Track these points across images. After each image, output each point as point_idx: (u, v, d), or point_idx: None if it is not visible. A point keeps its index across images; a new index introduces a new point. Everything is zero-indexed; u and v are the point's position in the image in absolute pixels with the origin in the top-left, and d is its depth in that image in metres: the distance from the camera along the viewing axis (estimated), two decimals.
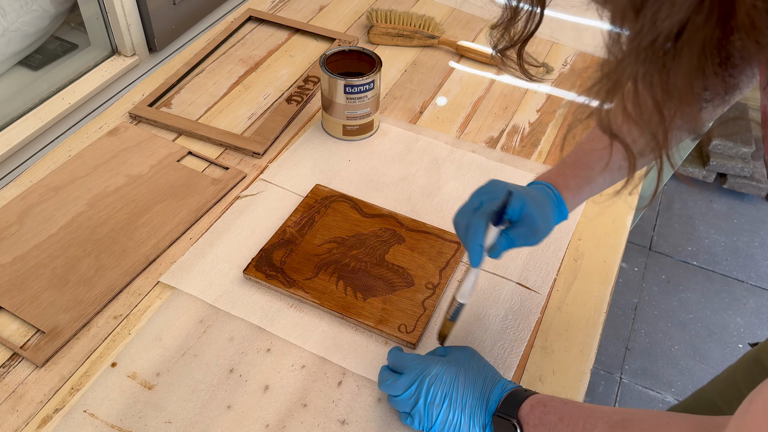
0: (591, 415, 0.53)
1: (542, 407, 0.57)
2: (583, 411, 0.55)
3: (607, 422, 0.52)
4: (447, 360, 0.64)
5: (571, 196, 0.68)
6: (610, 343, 1.73)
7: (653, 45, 0.33)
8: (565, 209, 0.67)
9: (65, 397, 0.66)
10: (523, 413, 0.58)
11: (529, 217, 0.63)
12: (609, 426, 0.51)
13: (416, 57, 1.15)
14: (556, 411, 0.56)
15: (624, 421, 0.51)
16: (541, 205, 0.65)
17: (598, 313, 0.77)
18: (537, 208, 0.64)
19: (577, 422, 0.53)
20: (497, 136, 1.00)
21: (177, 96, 1.04)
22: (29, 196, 0.85)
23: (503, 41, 0.46)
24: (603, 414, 0.53)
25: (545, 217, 0.65)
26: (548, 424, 0.56)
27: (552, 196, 0.67)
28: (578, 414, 0.54)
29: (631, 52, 0.34)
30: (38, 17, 1.10)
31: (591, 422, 0.53)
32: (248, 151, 0.94)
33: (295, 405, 0.66)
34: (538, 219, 0.63)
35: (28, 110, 1.04)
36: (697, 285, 1.89)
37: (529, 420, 0.57)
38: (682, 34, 0.32)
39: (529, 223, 0.63)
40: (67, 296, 0.74)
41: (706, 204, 2.12)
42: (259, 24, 1.21)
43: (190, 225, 0.84)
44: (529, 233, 0.64)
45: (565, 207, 0.67)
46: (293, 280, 0.76)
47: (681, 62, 0.33)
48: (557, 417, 0.55)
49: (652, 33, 0.33)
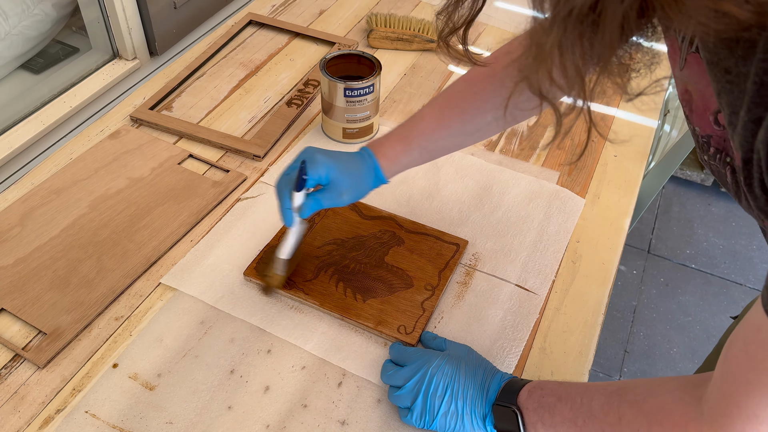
0: (587, 390, 0.55)
1: (540, 390, 0.58)
2: (579, 388, 0.56)
3: (603, 393, 0.53)
4: (447, 353, 0.66)
5: (389, 164, 0.73)
6: (608, 345, 1.74)
7: (571, 15, 0.34)
8: (382, 176, 0.73)
9: (67, 398, 0.67)
10: (521, 399, 0.59)
11: (335, 182, 0.70)
12: (605, 396, 0.53)
13: (415, 61, 1.16)
14: (553, 392, 0.57)
15: (619, 389, 0.53)
16: (351, 171, 0.71)
17: (597, 314, 0.78)
18: (344, 173, 0.70)
19: (575, 399, 0.55)
20: (496, 139, 1.01)
21: (178, 99, 1.05)
22: (31, 199, 0.86)
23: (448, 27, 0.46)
24: (598, 387, 0.55)
25: (354, 181, 0.71)
26: (547, 405, 0.57)
27: (371, 162, 0.72)
28: (575, 391, 0.56)
29: (553, 21, 0.35)
30: (40, 21, 1.11)
31: (588, 396, 0.54)
32: (249, 154, 0.95)
33: (296, 406, 0.67)
34: (344, 184, 0.70)
35: (30, 113, 1.05)
36: (695, 288, 1.89)
37: (528, 405, 0.58)
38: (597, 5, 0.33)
39: (335, 187, 0.70)
40: (68, 298, 0.75)
41: (705, 207, 2.13)
42: (260, 28, 1.22)
43: (191, 227, 0.84)
44: (335, 196, 0.71)
45: (381, 173, 0.73)
46: (293, 282, 0.76)
47: (601, 32, 0.34)
48: (555, 397, 0.57)
49: (569, 4, 0.34)
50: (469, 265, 0.81)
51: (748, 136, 0.37)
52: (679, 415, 0.47)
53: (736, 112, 0.39)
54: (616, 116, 1.06)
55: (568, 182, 0.94)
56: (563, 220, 0.88)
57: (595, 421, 0.52)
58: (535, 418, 0.57)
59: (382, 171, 0.72)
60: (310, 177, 0.68)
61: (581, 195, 0.92)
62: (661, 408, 0.49)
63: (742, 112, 0.38)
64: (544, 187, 0.92)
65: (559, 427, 0.55)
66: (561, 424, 0.55)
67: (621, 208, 0.91)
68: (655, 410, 0.49)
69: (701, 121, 0.48)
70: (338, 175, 0.70)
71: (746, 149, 0.38)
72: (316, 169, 0.69)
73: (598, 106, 1.08)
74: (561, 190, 0.92)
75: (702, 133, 0.49)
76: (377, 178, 0.73)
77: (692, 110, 0.50)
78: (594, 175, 0.96)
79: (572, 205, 0.90)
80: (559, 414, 0.55)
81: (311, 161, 0.69)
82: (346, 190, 0.71)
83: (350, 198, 0.72)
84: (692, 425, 0.46)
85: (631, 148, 1.01)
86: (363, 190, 0.73)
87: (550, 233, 0.86)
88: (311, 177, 0.69)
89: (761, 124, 0.36)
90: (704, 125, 0.48)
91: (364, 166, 0.72)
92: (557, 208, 0.89)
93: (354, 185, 0.71)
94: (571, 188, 0.93)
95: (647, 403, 0.50)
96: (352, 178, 0.71)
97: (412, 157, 0.74)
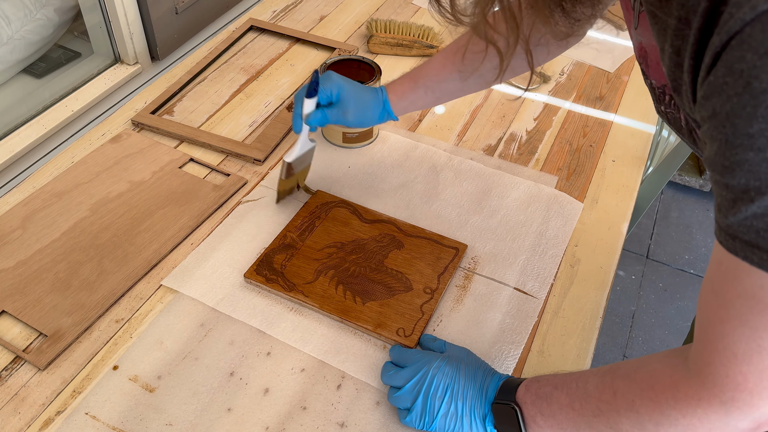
0: (582, 375, 0.56)
1: (536, 383, 0.59)
2: (573, 374, 0.57)
3: (596, 374, 0.55)
4: (447, 355, 0.66)
5: (397, 99, 0.83)
6: (607, 350, 1.74)
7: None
8: (390, 109, 0.83)
9: (67, 400, 0.67)
10: (519, 395, 0.60)
11: (343, 101, 0.80)
12: (599, 377, 0.54)
13: (415, 66, 1.17)
14: (549, 382, 0.58)
15: (612, 368, 0.54)
16: (360, 96, 0.81)
17: (595, 318, 0.78)
18: (353, 96, 0.80)
19: (571, 385, 0.56)
20: (495, 143, 1.01)
21: (179, 104, 1.06)
22: (32, 202, 0.86)
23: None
24: (593, 371, 0.56)
25: (361, 105, 0.81)
26: (544, 395, 0.58)
27: (381, 95, 0.83)
28: (569, 377, 0.57)
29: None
30: (42, 26, 1.11)
31: (583, 380, 0.55)
32: (249, 158, 0.95)
33: (295, 408, 0.67)
34: (351, 104, 0.80)
35: (32, 117, 1.05)
36: (694, 293, 1.90)
37: (526, 399, 0.59)
38: None
39: (342, 105, 0.80)
40: (69, 300, 0.75)
41: (703, 213, 2.14)
42: (261, 33, 1.23)
43: (192, 230, 0.85)
44: (339, 113, 0.80)
45: (389, 106, 0.83)
46: (293, 284, 0.77)
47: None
48: (551, 386, 0.58)
49: None
50: (468, 268, 0.82)
51: (673, 66, 0.44)
52: (668, 376, 0.49)
53: (663, 48, 0.44)
54: (614, 121, 1.07)
55: (567, 187, 0.94)
56: (562, 224, 0.88)
57: (591, 401, 0.53)
58: (534, 410, 0.58)
59: (390, 104, 0.82)
60: (321, 89, 0.79)
61: (580, 199, 0.93)
62: (651, 374, 0.50)
63: (667, 46, 0.44)
64: (543, 191, 0.93)
65: (557, 414, 0.56)
66: (559, 411, 0.56)
67: (619, 212, 0.92)
68: (646, 377, 0.50)
69: (656, 73, 0.54)
70: (347, 95, 0.80)
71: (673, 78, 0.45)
72: (328, 84, 0.79)
73: (597, 112, 1.09)
74: (559, 195, 0.92)
75: (657, 84, 0.54)
76: (385, 110, 0.83)
77: (648, 65, 0.55)
78: (592, 179, 0.96)
79: (571, 209, 0.91)
80: (556, 401, 0.56)
81: (326, 77, 0.80)
82: (351, 110, 0.80)
83: (354, 120, 0.81)
84: (682, 382, 0.47)
85: (629, 153, 1.01)
86: (370, 118, 0.82)
87: (549, 237, 0.86)
88: (322, 89, 0.79)
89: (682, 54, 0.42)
90: (659, 76, 0.53)
91: (373, 96, 0.82)
92: (556, 212, 0.90)
93: (360, 109, 0.81)
94: (569, 192, 0.93)
95: (638, 373, 0.51)
96: (359, 102, 0.80)
97: (417, 95, 0.82)
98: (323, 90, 0.79)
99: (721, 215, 0.40)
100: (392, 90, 0.83)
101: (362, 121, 0.82)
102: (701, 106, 0.40)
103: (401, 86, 0.83)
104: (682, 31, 0.41)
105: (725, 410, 0.44)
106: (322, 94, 0.79)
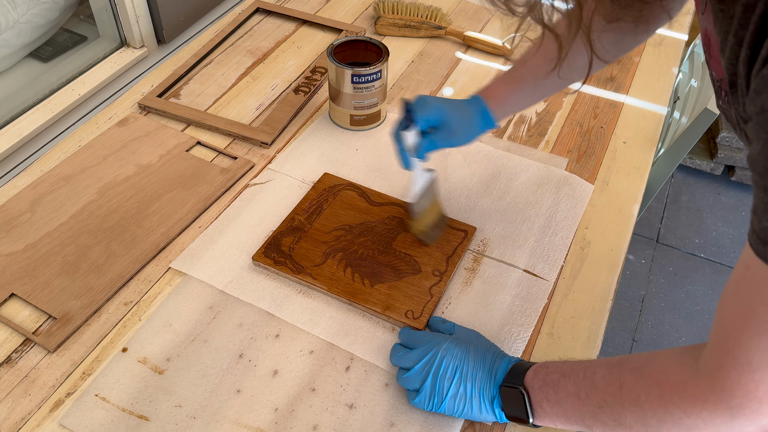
0: (591, 365, 0.56)
1: (545, 369, 0.59)
2: (583, 363, 0.57)
3: (605, 365, 0.54)
4: (456, 337, 0.66)
5: (498, 105, 0.76)
6: (617, 334, 1.73)
7: None
8: (490, 118, 0.76)
9: (77, 382, 0.67)
10: (527, 379, 0.60)
11: (446, 123, 0.75)
12: (607, 368, 0.54)
13: (423, 48, 1.16)
14: (557, 369, 0.58)
15: (621, 360, 0.54)
16: (461, 113, 0.76)
17: (605, 300, 0.77)
18: (455, 114, 0.75)
19: (578, 374, 0.56)
20: (504, 125, 1.00)
21: (186, 87, 1.05)
22: (40, 185, 0.86)
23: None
24: (601, 361, 0.56)
25: (464, 122, 0.76)
26: (551, 382, 0.57)
27: (478, 105, 0.76)
28: (578, 366, 0.57)
29: None
30: (48, 9, 1.11)
31: (591, 370, 0.55)
32: (256, 141, 0.95)
33: (304, 389, 0.67)
34: (454, 124, 0.75)
35: (39, 101, 1.05)
36: (704, 277, 1.89)
37: (534, 384, 0.59)
38: None
39: (447, 127, 0.75)
40: (78, 283, 0.75)
41: (714, 196, 2.12)
42: (267, 15, 1.22)
43: (200, 213, 0.85)
44: (446, 136, 0.75)
45: (490, 115, 0.76)
46: (301, 267, 0.76)
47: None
48: (559, 374, 0.57)
49: None
50: (478, 251, 0.81)
51: (733, 58, 0.41)
52: (676, 374, 0.48)
53: (726, 39, 0.42)
54: (625, 103, 1.06)
55: (577, 168, 0.93)
56: (572, 206, 0.87)
57: (597, 391, 0.53)
58: (541, 396, 0.58)
59: (490, 113, 0.76)
60: (420, 117, 0.74)
61: (590, 181, 0.92)
62: (659, 371, 0.50)
63: (730, 36, 0.41)
64: (553, 173, 0.92)
65: (563, 402, 0.56)
66: (565, 399, 0.56)
67: (630, 194, 0.91)
68: (654, 373, 0.50)
69: (716, 65, 0.51)
70: (449, 115, 0.75)
71: (731, 72, 0.42)
72: (425, 109, 0.74)
73: (608, 93, 1.07)
74: (570, 176, 0.91)
75: (716, 77, 0.51)
76: (485, 120, 0.76)
77: (710, 55, 0.52)
78: (603, 161, 0.95)
79: (581, 191, 0.90)
80: (563, 389, 0.56)
81: (421, 103, 0.75)
82: (456, 129, 0.75)
83: (462, 138, 0.76)
84: (690, 382, 0.47)
85: (640, 135, 1.00)
86: (473, 133, 0.77)
87: (559, 219, 0.86)
88: (421, 117, 0.74)
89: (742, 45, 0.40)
90: (718, 69, 0.50)
91: (472, 109, 0.76)
92: (566, 194, 0.89)
93: (464, 125, 0.76)
94: (579, 174, 0.92)
95: (646, 368, 0.51)
96: (462, 119, 0.76)
97: (519, 96, 0.77)
98: (422, 117, 0.74)
99: (756, 218, 0.39)
100: (491, 96, 0.76)
101: (468, 137, 0.77)
102: (752, 101, 0.39)
103: (499, 90, 0.77)
104: (747, 21, 0.40)
105: (731, 415, 0.44)
106: (422, 121, 0.74)
